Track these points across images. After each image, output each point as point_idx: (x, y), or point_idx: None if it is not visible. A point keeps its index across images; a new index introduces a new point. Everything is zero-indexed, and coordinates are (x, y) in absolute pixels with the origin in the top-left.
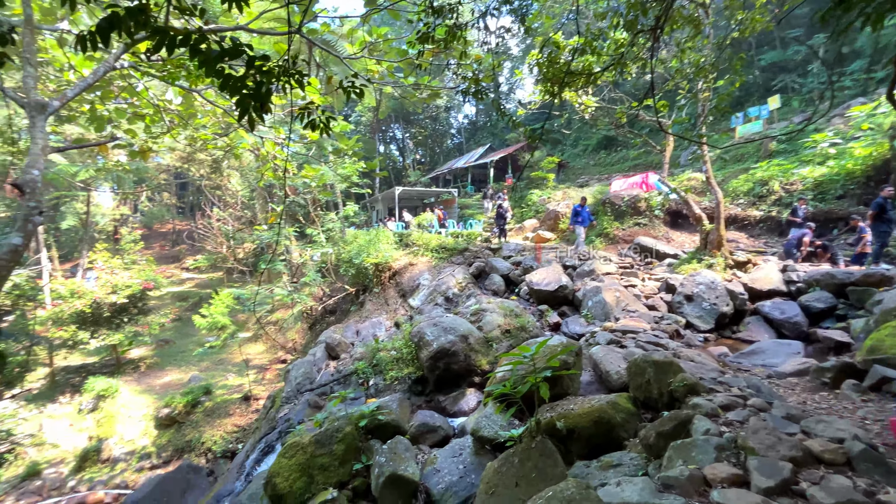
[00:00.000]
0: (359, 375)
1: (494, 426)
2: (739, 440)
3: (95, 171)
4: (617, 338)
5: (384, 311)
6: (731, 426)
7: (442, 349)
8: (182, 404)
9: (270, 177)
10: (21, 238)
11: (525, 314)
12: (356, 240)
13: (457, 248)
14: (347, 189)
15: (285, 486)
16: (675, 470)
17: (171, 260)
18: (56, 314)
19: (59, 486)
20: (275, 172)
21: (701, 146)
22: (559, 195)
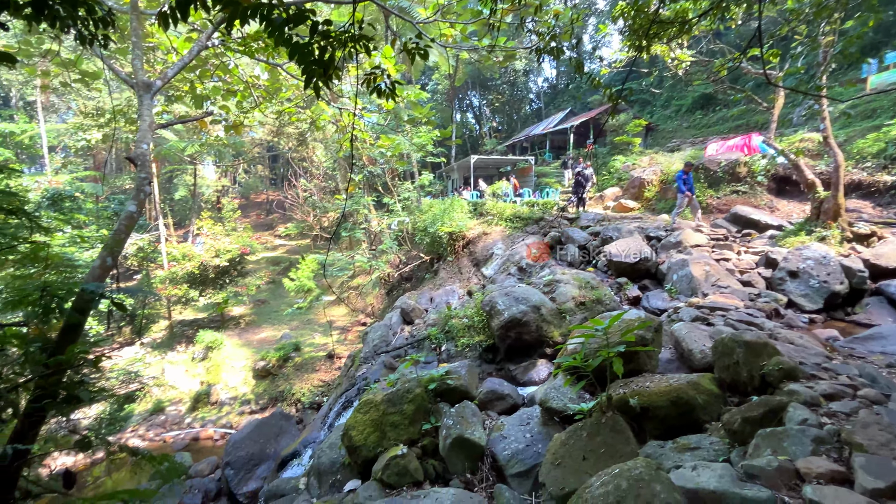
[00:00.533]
0: (431, 341)
1: (563, 398)
2: (844, 434)
3: (200, 146)
4: (703, 314)
5: (457, 279)
6: (834, 418)
7: (513, 319)
8: (275, 359)
9: (349, 147)
10: (135, 206)
11: (602, 287)
12: (431, 209)
13: (531, 217)
14: (423, 158)
15: (360, 439)
16: (761, 459)
17: (266, 228)
18: (171, 274)
19: (179, 421)
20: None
21: (819, 101)
22: (645, 161)
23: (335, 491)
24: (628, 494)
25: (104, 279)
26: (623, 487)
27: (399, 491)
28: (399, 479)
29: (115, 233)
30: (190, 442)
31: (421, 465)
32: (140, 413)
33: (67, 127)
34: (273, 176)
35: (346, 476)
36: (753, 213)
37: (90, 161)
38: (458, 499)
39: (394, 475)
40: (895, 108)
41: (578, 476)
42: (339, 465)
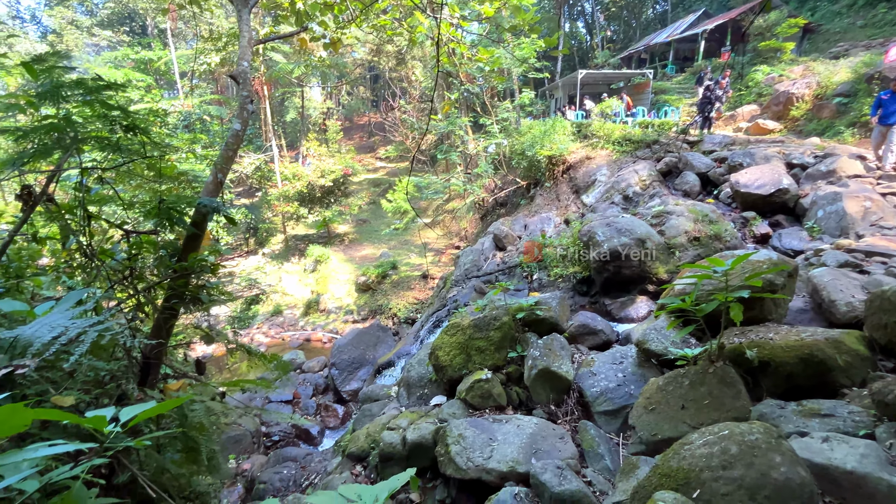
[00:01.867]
0: (523, 269)
1: (664, 341)
2: None
3: (305, 68)
4: (856, 260)
5: (554, 206)
6: None
7: (613, 251)
8: (374, 275)
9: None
10: (240, 124)
11: (722, 221)
12: (531, 130)
13: (644, 140)
14: (524, 75)
15: (446, 360)
16: None
17: (368, 150)
18: (283, 193)
19: (294, 323)
20: (449, 58)
21: None
22: (797, 71)
23: (422, 403)
24: (737, 461)
25: (217, 194)
26: (732, 452)
27: (482, 412)
28: (482, 401)
29: (223, 151)
30: (303, 342)
31: (504, 390)
32: (263, 314)
33: (192, 52)
34: (374, 98)
35: (433, 391)
36: None
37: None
38: (539, 428)
39: (477, 397)
40: None
41: (674, 425)
42: (427, 381)
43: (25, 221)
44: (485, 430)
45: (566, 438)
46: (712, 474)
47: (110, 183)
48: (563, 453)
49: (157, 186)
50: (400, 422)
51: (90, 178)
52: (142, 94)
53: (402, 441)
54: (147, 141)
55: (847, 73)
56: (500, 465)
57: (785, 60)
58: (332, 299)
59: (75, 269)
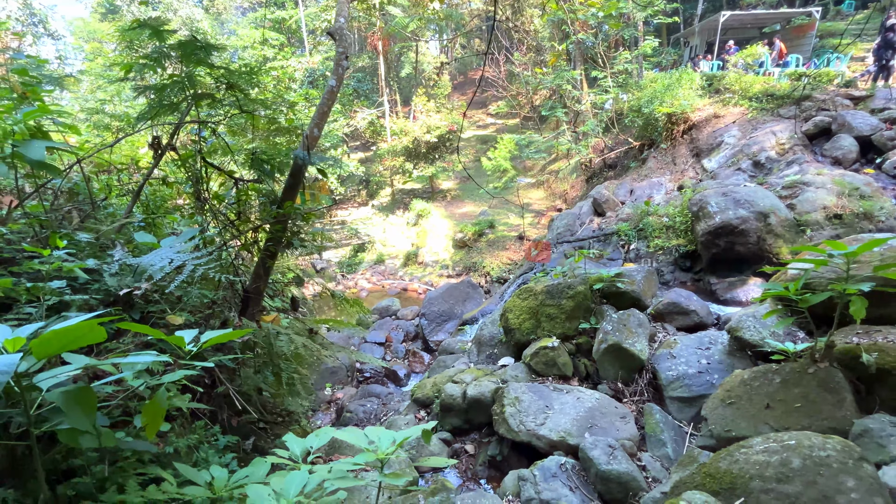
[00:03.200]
0: (620, 237)
1: (763, 331)
2: None
3: (420, 22)
4: None
5: (668, 171)
6: None
7: (726, 225)
8: (471, 232)
9: (554, 8)
10: (335, 80)
11: (880, 196)
12: (652, 84)
13: (792, 95)
14: (651, 20)
15: (515, 323)
16: None
17: (479, 105)
18: (391, 147)
19: (394, 273)
20: (559, 3)
21: None
22: None
23: (490, 362)
24: (797, 477)
25: (313, 147)
26: (793, 465)
27: (545, 379)
28: (546, 368)
29: (319, 106)
30: (400, 291)
31: (573, 361)
32: (368, 261)
33: (318, 10)
34: (490, 50)
35: (502, 352)
36: None
37: None
38: (601, 403)
39: (541, 363)
40: None
41: (753, 424)
42: (497, 341)
43: (156, 167)
44: (542, 397)
45: (628, 419)
46: (763, 485)
47: (221, 136)
48: (621, 433)
49: (260, 139)
50: (465, 377)
51: (207, 130)
52: (276, 53)
53: (463, 395)
54: (245, 97)
55: None
56: (550, 434)
57: None
58: (429, 253)
59: (194, 210)
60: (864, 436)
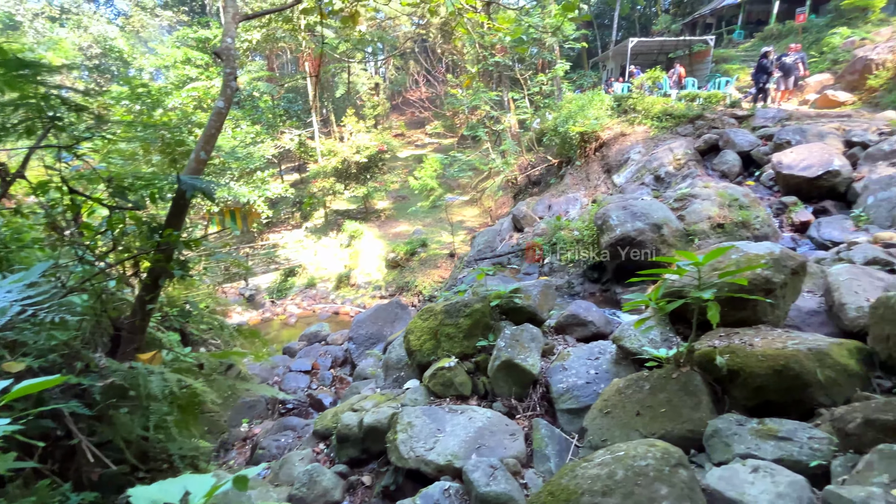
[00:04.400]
0: (533, 250)
1: (641, 338)
2: None
3: (350, 44)
4: (889, 257)
5: (583, 186)
6: None
7: (625, 236)
8: (403, 252)
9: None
10: (223, 102)
11: (756, 206)
12: (569, 105)
13: (687, 114)
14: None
15: (416, 345)
16: (862, 489)
17: (418, 125)
18: (321, 168)
19: (325, 296)
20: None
21: None
22: (884, 34)
23: (397, 385)
24: (618, 489)
25: (200, 172)
26: (617, 477)
27: (443, 401)
28: (444, 389)
29: (206, 129)
30: (332, 315)
31: (472, 380)
32: (299, 286)
33: (241, 30)
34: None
35: (408, 374)
36: None
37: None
38: (492, 422)
39: (439, 385)
40: None
41: (626, 432)
42: (405, 363)
43: (2, 196)
44: (436, 420)
45: (518, 436)
46: (591, 500)
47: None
48: (508, 451)
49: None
50: (365, 403)
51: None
52: (200, 73)
53: (359, 424)
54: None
55: None
56: (438, 458)
57: (872, 21)
58: (362, 274)
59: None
60: (714, 436)
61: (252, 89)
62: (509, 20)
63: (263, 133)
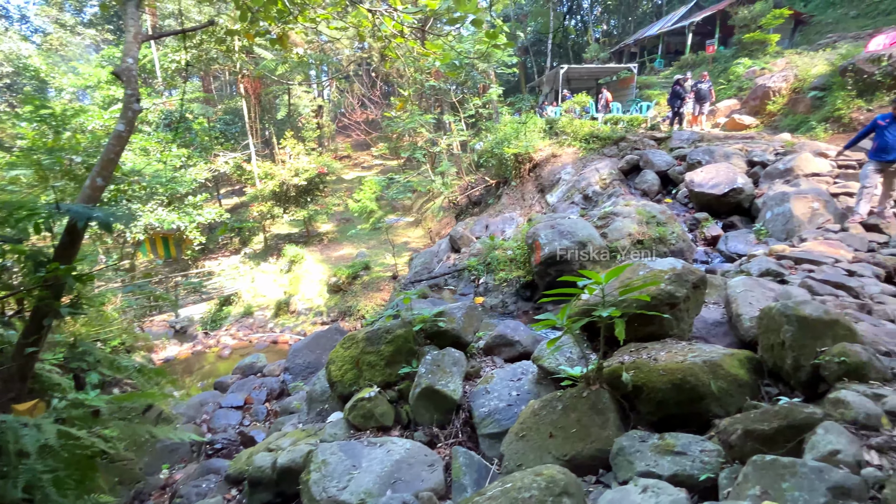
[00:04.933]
0: (470, 272)
1: (559, 357)
2: (890, 492)
3: (287, 65)
4: (780, 268)
5: (519, 206)
6: (887, 457)
7: (552, 255)
8: (345, 276)
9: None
10: (124, 125)
11: (672, 223)
12: (504, 128)
13: (612, 136)
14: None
15: (337, 375)
16: (739, 503)
17: (365, 147)
18: (258, 192)
19: (263, 325)
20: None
21: None
22: (780, 64)
23: (321, 419)
24: None
25: (97, 199)
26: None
27: (363, 433)
28: (364, 421)
29: (104, 153)
30: (269, 344)
31: (395, 409)
32: (235, 315)
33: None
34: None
35: (333, 407)
36: None
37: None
38: (411, 453)
39: (359, 417)
40: None
41: (540, 455)
42: (328, 396)
43: None
44: (352, 455)
45: (437, 466)
46: None
47: None
48: (425, 483)
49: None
50: (283, 441)
51: None
52: None
53: (273, 465)
54: None
55: (824, 66)
56: (351, 498)
57: (770, 53)
58: (302, 300)
59: None
60: (619, 454)
61: (185, 111)
62: (438, 46)
63: (196, 156)
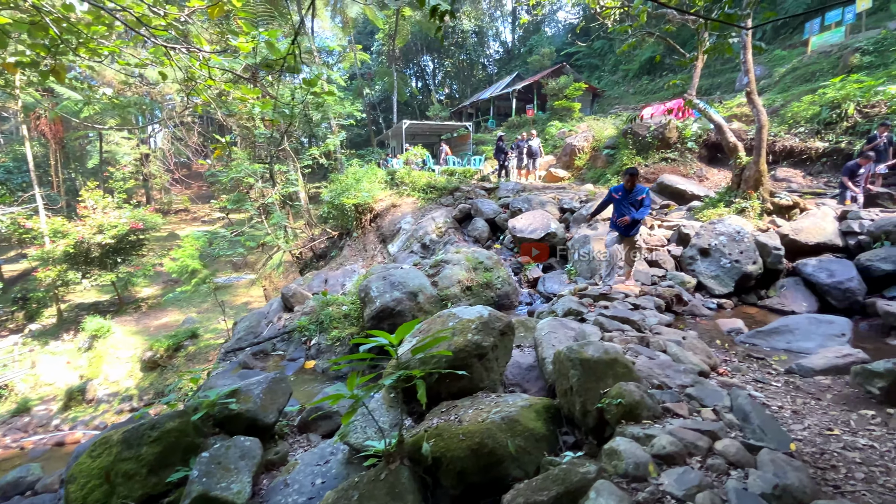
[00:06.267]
0: (301, 333)
1: (368, 429)
2: None
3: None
4: (580, 306)
5: (361, 257)
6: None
7: (384, 308)
8: (164, 348)
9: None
10: None
11: (498, 267)
12: (346, 179)
13: (447, 187)
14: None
15: (77, 497)
16: None
17: (207, 199)
18: (46, 253)
19: (46, 423)
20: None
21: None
22: (582, 127)
23: None
24: None
25: None
26: None
27: None
28: None
29: None
30: (52, 447)
31: None
32: (3, 415)
33: None
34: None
35: None
36: (680, 183)
37: None
38: None
39: None
40: (834, 71)
41: None
42: None
43: None
44: None
45: None
46: None
47: None
48: None
49: None
50: None
51: None
52: None
53: None
54: None
55: (613, 130)
56: None
57: (575, 118)
58: (104, 384)
59: None
60: None
61: None
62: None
63: None
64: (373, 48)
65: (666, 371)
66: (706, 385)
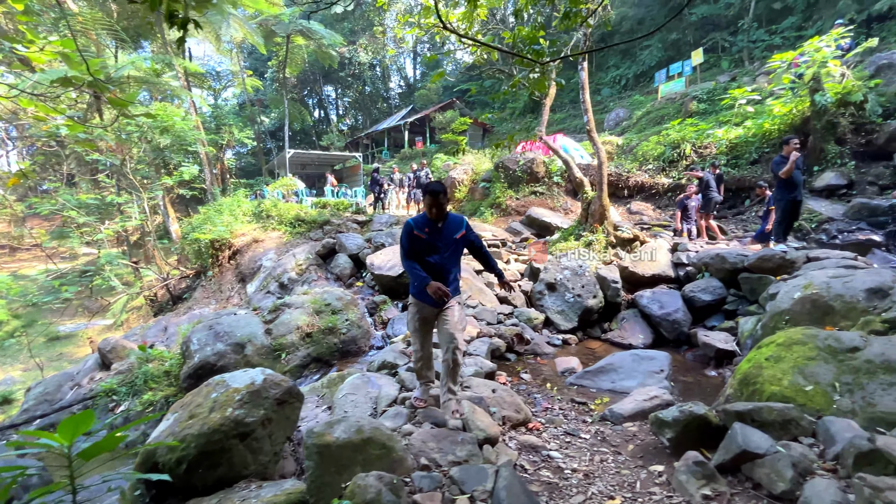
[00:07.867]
0: (109, 397)
1: None
2: None
3: None
4: (400, 357)
5: (215, 299)
6: None
7: (204, 364)
8: None
9: None
10: None
11: (350, 308)
12: (206, 211)
13: (317, 220)
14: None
15: None
16: None
17: None
18: None
19: None
20: None
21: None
22: (467, 160)
23: None
24: None
25: None
26: None
27: None
28: None
29: None
30: None
31: None
32: None
33: None
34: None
35: None
36: (547, 216)
37: None
38: None
39: None
40: (679, 115)
41: None
42: None
43: None
44: None
45: None
46: None
47: None
48: None
49: None
50: None
51: None
52: None
53: None
54: None
55: (489, 163)
56: None
57: (462, 151)
58: None
59: None
60: None
61: None
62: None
63: None
64: (267, 75)
65: (441, 444)
66: (476, 462)
